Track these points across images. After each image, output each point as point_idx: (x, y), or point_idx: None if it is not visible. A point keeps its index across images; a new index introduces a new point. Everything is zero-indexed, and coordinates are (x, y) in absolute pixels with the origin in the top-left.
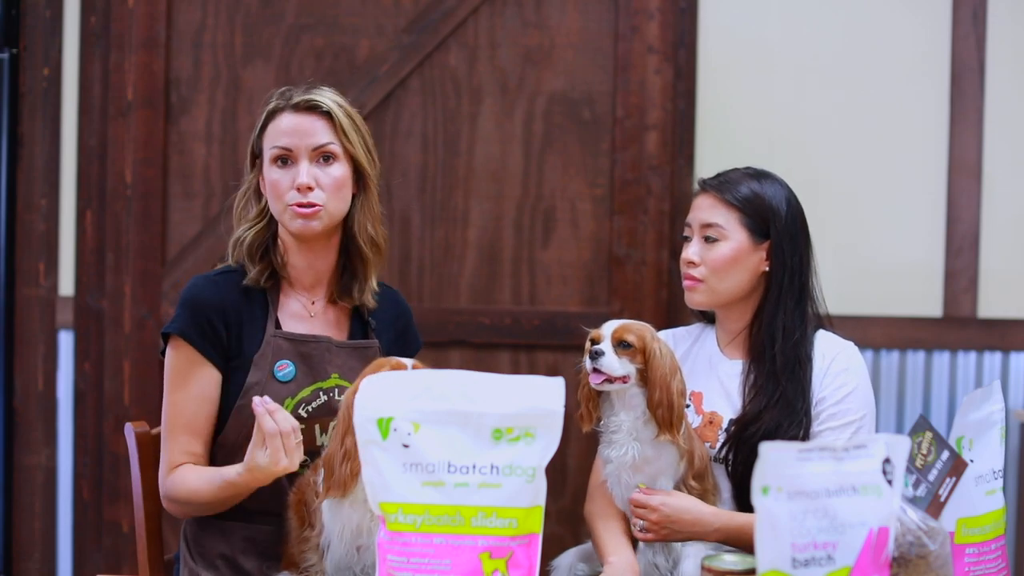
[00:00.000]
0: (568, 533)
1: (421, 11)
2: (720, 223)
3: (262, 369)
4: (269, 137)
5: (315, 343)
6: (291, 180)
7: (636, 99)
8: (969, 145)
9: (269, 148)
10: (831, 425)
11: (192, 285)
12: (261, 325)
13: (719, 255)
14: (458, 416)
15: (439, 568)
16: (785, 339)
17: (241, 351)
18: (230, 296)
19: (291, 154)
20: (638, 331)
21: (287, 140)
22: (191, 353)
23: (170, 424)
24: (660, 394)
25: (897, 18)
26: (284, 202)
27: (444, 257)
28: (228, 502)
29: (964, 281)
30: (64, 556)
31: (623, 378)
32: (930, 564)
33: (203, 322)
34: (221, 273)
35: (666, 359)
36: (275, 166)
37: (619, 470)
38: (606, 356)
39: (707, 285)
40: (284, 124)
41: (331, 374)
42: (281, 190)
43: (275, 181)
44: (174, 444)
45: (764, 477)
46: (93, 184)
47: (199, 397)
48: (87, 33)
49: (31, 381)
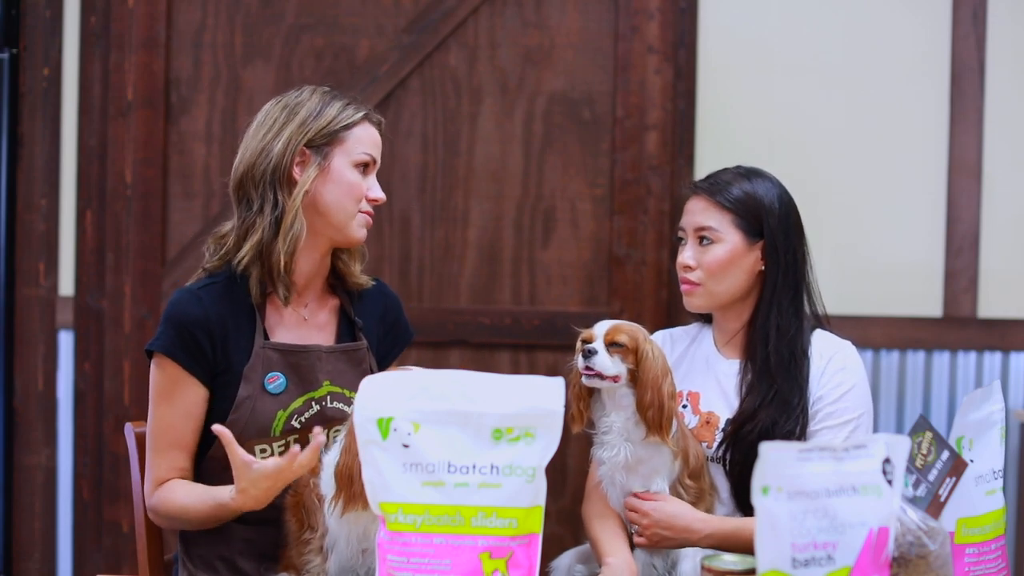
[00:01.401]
0: (568, 533)
1: (421, 11)
2: (714, 226)
3: (252, 382)
4: (359, 140)
5: (304, 352)
6: (366, 189)
7: (636, 99)
8: (969, 145)
9: (360, 152)
10: (828, 424)
11: (176, 301)
12: (249, 336)
13: (714, 258)
14: (458, 416)
15: (439, 568)
16: (780, 337)
17: (229, 365)
18: (214, 309)
19: (371, 167)
20: (630, 332)
21: (375, 152)
22: (176, 370)
23: (155, 440)
24: (651, 395)
25: (897, 18)
26: (358, 207)
27: (444, 257)
28: (218, 521)
29: (964, 281)
30: (64, 556)
31: (614, 377)
32: (930, 564)
33: (187, 339)
34: (204, 286)
35: (658, 361)
36: (356, 169)
37: (612, 471)
38: (599, 355)
39: (704, 288)
40: (369, 134)
41: (322, 382)
42: (360, 194)
43: (357, 184)
44: (160, 459)
45: (764, 477)
46: (93, 184)
47: (185, 414)
48: (87, 33)
49: (31, 381)
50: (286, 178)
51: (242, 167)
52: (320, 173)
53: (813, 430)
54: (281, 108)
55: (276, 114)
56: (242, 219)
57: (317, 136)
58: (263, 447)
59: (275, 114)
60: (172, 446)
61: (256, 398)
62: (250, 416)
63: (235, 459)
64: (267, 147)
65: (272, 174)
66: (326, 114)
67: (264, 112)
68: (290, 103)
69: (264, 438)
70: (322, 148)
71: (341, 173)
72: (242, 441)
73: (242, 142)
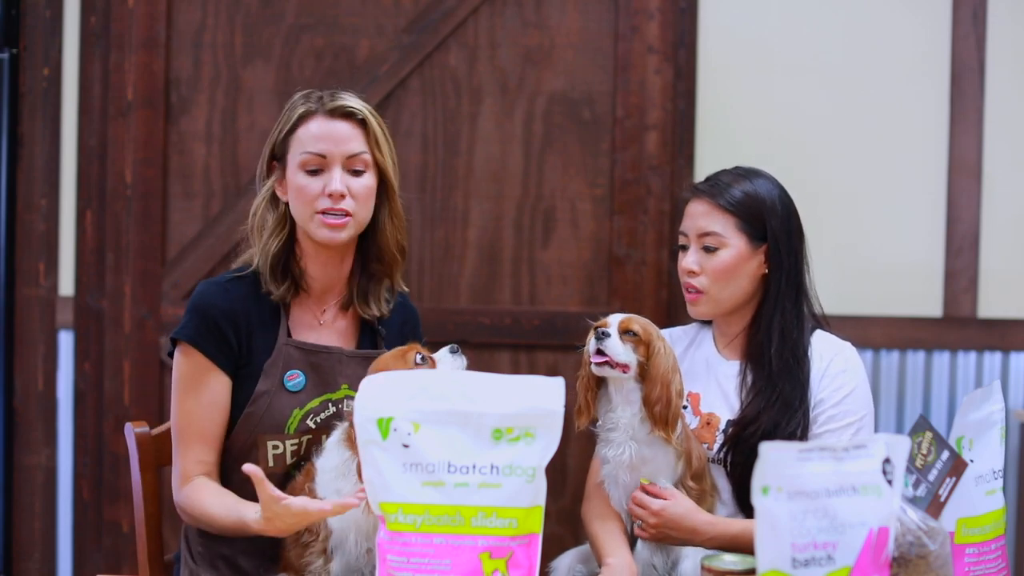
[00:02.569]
0: (568, 533)
1: (421, 11)
2: (718, 231)
3: (272, 377)
4: (299, 141)
5: (326, 353)
6: (321, 186)
7: (636, 99)
8: (969, 145)
9: (300, 153)
10: (831, 427)
11: (202, 291)
12: (273, 332)
13: (720, 263)
14: (458, 416)
15: (439, 568)
16: (783, 340)
17: (251, 358)
18: (240, 302)
19: (324, 161)
20: (644, 324)
21: (322, 146)
22: (201, 360)
23: (182, 432)
24: (660, 390)
25: (897, 18)
26: (313, 208)
27: (444, 257)
28: (240, 534)
29: (964, 281)
30: (64, 556)
31: (624, 366)
32: (930, 564)
33: (213, 329)
34: (231, 279)
35: (669, 357)
36: (303, 171)
37: (616, 470)
38: (611, 339)
39: (709, 296)
40: (317, 129)
41: (341, 384)
42: (310, 196)
43: (303, 186)
44: (188, 452)
45: (764, 477)
46: (93, 184)
47: (211, 404)
48: (87, 33)
49: (31, 381)
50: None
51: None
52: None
53: (816, 433)
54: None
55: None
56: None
57: (276, 148)
58: (275, 443)
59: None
60: (197, 438)
61: (274, 394)
62: (266, 411)
63: (263, 494)
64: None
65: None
66: (279, 122)
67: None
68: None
69: (278, 434)
70: (283, 158)
71: (292, 180)
72: (256, 435)
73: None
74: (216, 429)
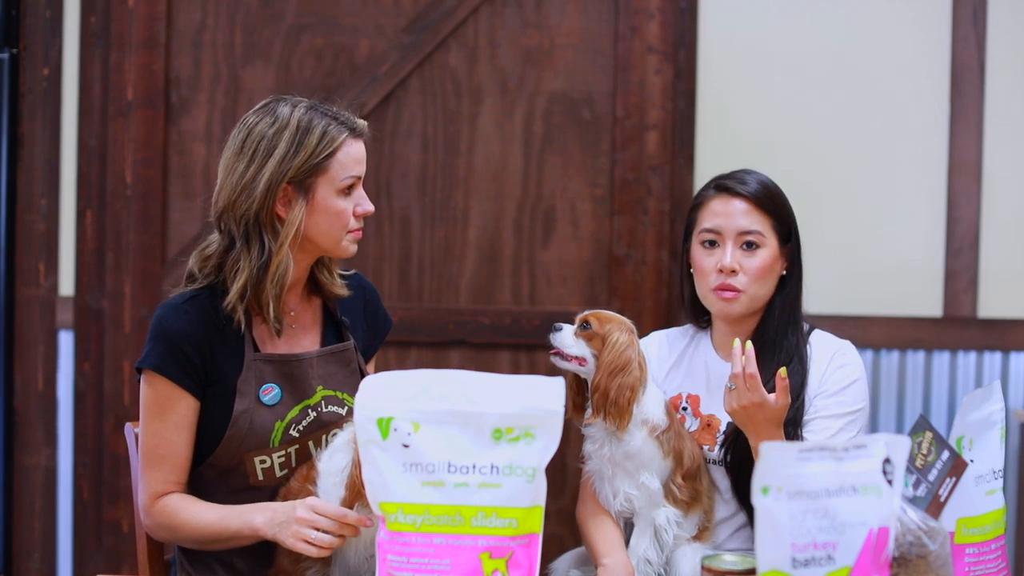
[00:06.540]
0: (568, 533)
1: (421, 11)
2: (759, 229)
3: (247, 395)
4: (339, 168)
5: (296, 361)
6: (353, 205)
7: (636, 99)
8: (969, 145)
9: (342, 178)
10: (824, 414)
11: (161, 316)
12: (238, 347)
13: (760, 262)
14: (458, 416)
15: (439, 568)
16: (790, 341)
17: (219, 376)
18: (201, 323)
19: (357, 181)
20: (604, 318)
21: (361, 167)
22: (167, 386)
23: (150, 453)
24: (599, 379)
25: (897, 18)
26: (347, 227)
27: (444, 257)
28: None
29: (964, 281)
30: (64, 556)
31: (579, 359)
32: (930, 564)
33: (177, 353)
34: (189, 299)
35: (619, 350)
36: (342, 196)
37: (600, 465)
38: (563, 332)
39: (747, 295)
40: (354, 154)
41: (316, 388)
42: (348, 217)
43: (343, 211)
44: (156, 473)
45: (764, 477)
46: (93, 184)
47: (178, 427)
48: (87, 33)
49: (31, 381)
50: (270, 218)
51: (222, 201)
52: (306, 207)
53: (809, 419)
54: (258, 137)
55: (255, 143)
56: (225, 248)
57: (299, 173)
58: (263, 458)
59: (254, 143)
60: (166, 460)
61: (253, 411)
62: (248, 429)
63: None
64: (248, 185)
65: (255, 216)
66: (306, 145)
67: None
68: (267, 133)
69: (264, 449)
70: (305, 182)
71: (327, 204)
72: (241, 453)
73: (221, 160)
74: (185, 450)
